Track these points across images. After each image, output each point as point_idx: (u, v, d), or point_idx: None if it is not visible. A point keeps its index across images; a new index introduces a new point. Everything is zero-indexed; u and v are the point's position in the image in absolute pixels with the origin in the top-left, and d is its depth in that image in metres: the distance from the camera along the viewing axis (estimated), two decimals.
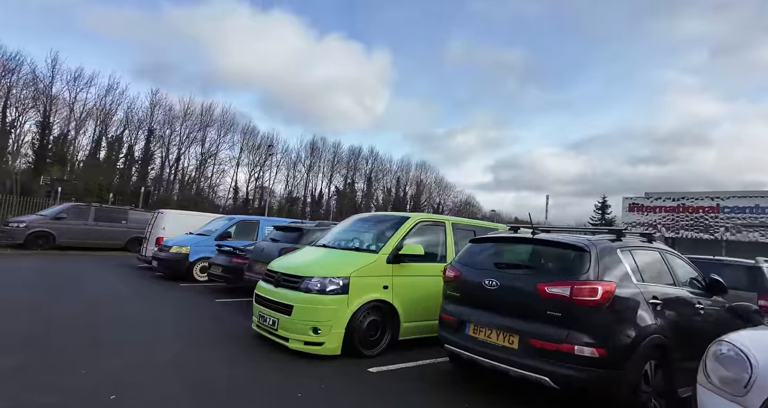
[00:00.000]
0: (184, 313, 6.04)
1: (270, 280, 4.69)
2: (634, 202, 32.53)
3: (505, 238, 3.58)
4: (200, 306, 6.67)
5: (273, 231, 7.21)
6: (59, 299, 6.42)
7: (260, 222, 10.23)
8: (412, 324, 4.50)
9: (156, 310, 6.12)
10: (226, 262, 7.82)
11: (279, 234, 6.98)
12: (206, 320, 5.70)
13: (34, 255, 12.38)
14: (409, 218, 4.86)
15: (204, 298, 7.45)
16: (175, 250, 9.12)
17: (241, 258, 7.70)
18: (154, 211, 11.15)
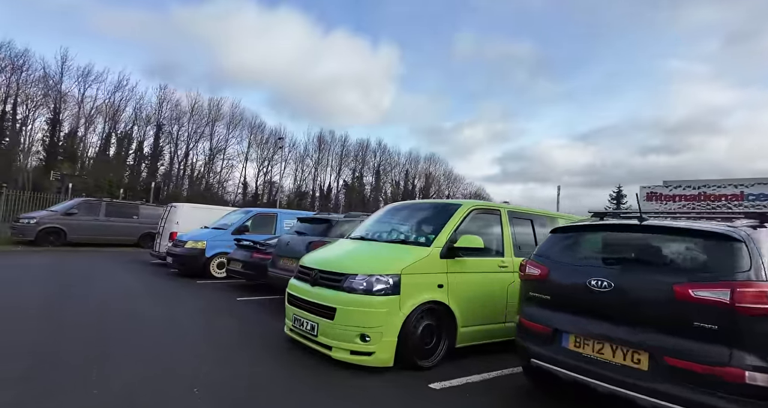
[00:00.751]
0: (204, 315, 5.47)
1: (304, 278, 4.07)
2: (652, 191, 31.47)
3: (611, 226, 2.89)
4: (221, 305, 6.10)
5: (297, 223, 6.58)
6: (70, 299, 5.89)
7: (278, 215, 9.62)
8: (470, 329, 3.86)
9: (174, 310, 5.55)
10: (247, 258, 7.23)
11: (304, 226, 6.35)
12: (230, 322, 5.11)
13: (46, 252, 11.93)
14: (461, 205, 4.18)
15: (224, 295, 6.88)
16: (191, 246, 8.55)
17: (263, 253, 7.10)
18: (166, 206, 10.62)
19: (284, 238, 6.30)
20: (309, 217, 6.55)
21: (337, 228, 5.93)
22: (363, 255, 3.97)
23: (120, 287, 7.05)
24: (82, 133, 36.28)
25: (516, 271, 4.23)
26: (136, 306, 5.71)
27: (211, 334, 4.52)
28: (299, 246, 5.84)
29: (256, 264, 7.02)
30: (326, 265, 3.91)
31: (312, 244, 5.67)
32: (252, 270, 7.04)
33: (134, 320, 4.84)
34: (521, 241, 4.42)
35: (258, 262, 7.03)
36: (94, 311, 5.16)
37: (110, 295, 6.33)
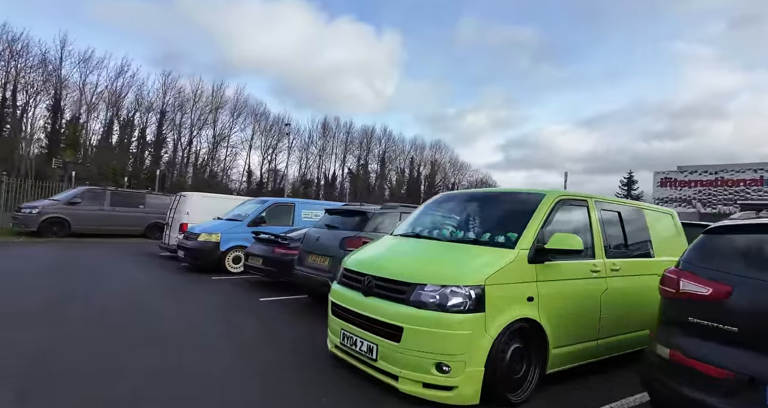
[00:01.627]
0: (224, 318, 4.74)
1: (353, 285, 3.30)
2: (666, 176, 30.53)
3: None
4: (242, 306, 5.37)
5: (325, 216, 5.78)
6: (73, 298, 5.17)
7: (296, 205, 8.83)
8: (563, 350, 3.10)
9: (190, 313, 4.83)
10: (267, 253, 6.47)
11: (334, 219, 5.56)
12: (257, 330, 4.38)
13: (49, 243, 11.23)
14: (544, 195, 3.36)
15: (243, 294, 6.15)
16: (204, 238, 7.80)
17: (285, 248, 6.34)
18: (175, 195, 9.85)
19: (312, 233, 5.51)
20: (340, 209, 5.75)
21: (373, 221, 5.14)
22: (427, 258, 3.18)
23: (128, 284, 6.32)
24: (84, 120, 35.28)
25: (609, 275, 3.46)
26: (146, 306, 4.98)
27: (240, 346, 3.79)
28: (331, 242, 5.07)
29: (278, 260, 6.27)
30: (382, 270, 3.13)
31: (346, 241, 4.90)
32: (274, 267, 6.29)
33: (146, 325, 4.11)
34: (611, 239, 3.62)
35: (280, 258, 6.27)
36: (100, 314, 4.44)
37: (118, 292, 5.61)
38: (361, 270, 3.29)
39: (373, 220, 5.15)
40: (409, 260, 3.23)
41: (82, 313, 4.60)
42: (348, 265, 3.51)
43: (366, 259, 3.46)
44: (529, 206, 3.31)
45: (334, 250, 4.94)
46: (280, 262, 6.23)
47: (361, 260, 3.48)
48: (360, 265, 3.36)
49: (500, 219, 3.47)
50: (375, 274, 3.13)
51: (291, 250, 6.30)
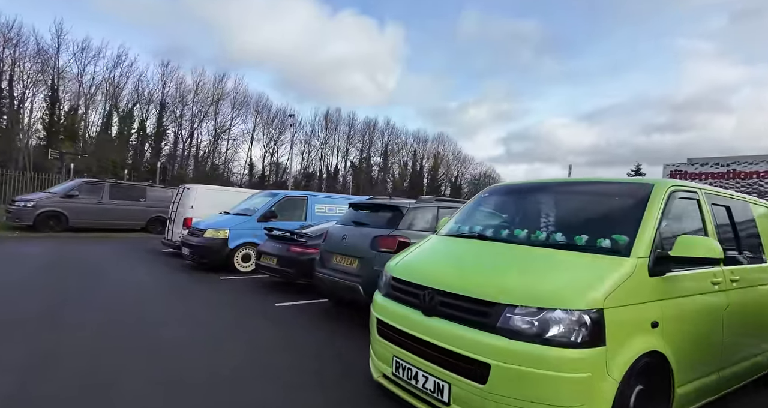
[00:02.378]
0: (238, 328, 4.02)
1: (407, 299, 2.56)
2: (676, 169, 29.68)
3: None
4: (256, 312, 4.66)
5: (350, 211, 5.02)
6: (69, 302, 4.46)
7: (309, 198, 8.07)
8: (689, 387, 2.38)
9: (199, 319, 4.11)
10: (282, 252, 5.73)
11: (361, 215, 4.79)
12: (276, 342, 3.67)
13: (45, 238, 10.48)
14: (653, 186, 2.60)
15: (257, 298, 5.43)
16: (211, 235, 7.05)
17: (302, 246, 5.59)
18: (178, 187, 9.09)
19: (336, 231, 4.76)
20: (368, 203, 4.97)
21: (408, 217, 4.38)
22: (507, 268, 2.43)
23: (129, 285, 5.60)
24: (82, 112, 34.28)
25: (729, 287, 2.72)
26: (150, 313, 4.26)
27: (257, 365, 3.07)
28: (360, 241, 4.32)
29: (294, 260, 5.54)
30: (449, 282, 2.38)
31: (379, 240, 4.15)
32: (290, 267, 5.56)
33: (150, 335, 3.40)
34: (724, 242, 2.87)
35: (296, 257, 5.54)
36: (99, 321, 3.72)
37: (118, 296, 4.89)
38: (417, 281, 2.53)
39: (408, 216, 4.39)
40: (484, 270, 2.47)
41: (78, 320, 3.89)
42: (397, 272, 2.76)
43: (420, 267, 2.71)
44: (634, 200, 2.56)
45: (364, 251, 4.20)
46: (297, 263, 5.50)
47: (413, 267, 2.73)
48: (414, 274, 2.61)
49: (593, 217, 2.71)
50: (439, 287, 2.38)
51: (309, 249, 5.57)
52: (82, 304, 4.57)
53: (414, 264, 2.79)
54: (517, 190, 3.35)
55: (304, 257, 5.49)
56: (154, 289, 5.71)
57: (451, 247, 2.93)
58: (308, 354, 3.50)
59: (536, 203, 3.08)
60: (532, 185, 3.33)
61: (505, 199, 3.35)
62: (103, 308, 4.48)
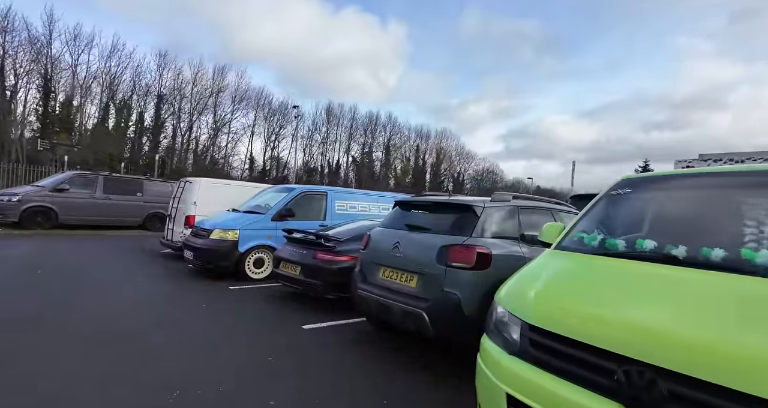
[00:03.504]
0: (262, 367, 3.03)
1: (577, 371, 1.54)
2: (688, 165, 28.90)
3: None
4: (279, 339, 3.67)
5: (398, 211, 3.98)
6: (50, 321, 3.44)
7: (328, 194, 7.06)
8: None
9: (209, 350, 3.13)
10: (307, 259, 4.72)
11: (416, 216, 3.66)
12: (321, 391, 2.70)
13: (31, 236, 9.42)
14: None
15: (277, 316, 4.44)
16: (218, 236, 6.03)
17: (331, 252, 4.59)
18: (179, 181, 8.05)
19: (382, 236, 3.74)
20: (425, 201, 3.84)
21: (485, 220, 3.36)
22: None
23: (122, 297, 4.59)
24: (78, 103, 32.90)
25: None
26: (145, 336, 3.26)
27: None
28: (420, 252, 3.30)
29: (322, 269, 4.53)
30: (684, 357, 1.31)
31: (450, 252, 3.13)
32: (316, 278, 4.55)
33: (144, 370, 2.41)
34: None
35: (325, 266, 4.54)
36: (82, 350, 2.72)
37: (107, 311, 3.88)
38: (602, 344, 1.49)
39: (485, 219, 3.37)
40: (737, 331, 1.43)
41: (54, 345, 2.87)
42: (541, 319, 1.72)
43: (590, 312, 1.64)
44: None
45: (428, 265, 3.19)
46: (326, 273, 4.50)
47: (570, 311, 1.68)
48: (587, 328, 1.57)
49: None
50: (665, 365, 1.33)
51: (339, 256, 4.57)
52: (60, 322, 3.57)
53: (568, 305, 1.73)
54: (692, 182, 2.28)
55: (334, 266, 4.50)
56: (151, 301, 4.70)
57: (613, 276, 1.86)
58: (343, 372, 2.51)
59: (730, 203, 2.06)
60: (719, 173, 2.20)
61: (667, 196, 2.31)
62: (84, 330, 3.48)
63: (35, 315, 3.86)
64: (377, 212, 7.54)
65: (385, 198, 7.85)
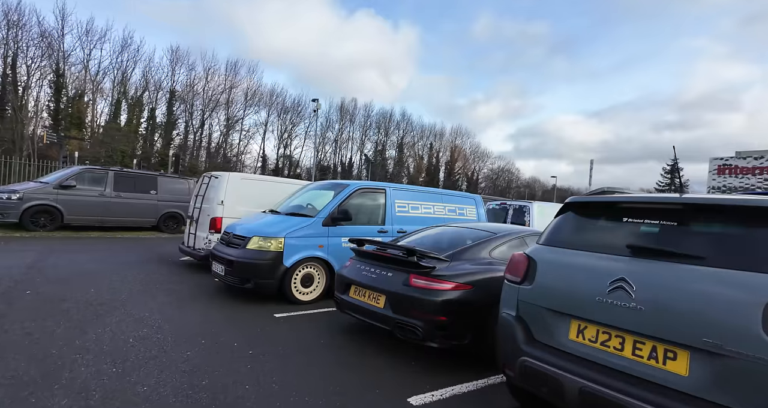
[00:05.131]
0: None
1: None
2: (725, 163, 26.94)
3: None
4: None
5: (580, 220, 2.45)
6: (41, 368, 2.06)
7: (387, 192, 5.60)
8: None
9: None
10: (396, 286, 3.25)
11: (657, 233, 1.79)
12: None
13: (31, 240, 8.11)
14: None
15: (368, 379, 3.01)
16: (257, 246, 4.61)
17: (435, 278, 3.12)
18: (201, 177, 6.67)
19: (575, 265, 2.10)
20: (674, 203, 2.05)
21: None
22: None
23: (133, 329, 3.20)
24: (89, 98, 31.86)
25: None
26: (169, 396, 1.86)
27: None
28: (709, 308, 1.65)
29: (423, 303, 3.05)
30: None
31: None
32: (415, 316, 3.08)
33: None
34: None
35: (426, 298, 3.05)
36: None
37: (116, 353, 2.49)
38: None
39: None
40: None
41: None
42: None
43: None
44: None
45: (734, 338, 1.53)
46: (431, 309, 3.02)
47: None
48: None
49: None
50: None
51: (444, 282, 3.10)
52: (51, 371, 2.18)
53: None
54: None
55: (438, 298, 3.04)
56: (173, 336, 3.30)
57: None
58: None
59: None
60: None
61: None
62: (84, 385, 2.07)
63: (18, 379, 2.45)
64: (443, 215, 6.08)
65: (451, 197, 6.37)
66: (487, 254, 3.41)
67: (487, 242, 3.51)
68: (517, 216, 7.25)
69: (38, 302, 4.07)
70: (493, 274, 3.18)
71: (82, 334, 3.30)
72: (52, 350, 2.92)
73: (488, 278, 3.15)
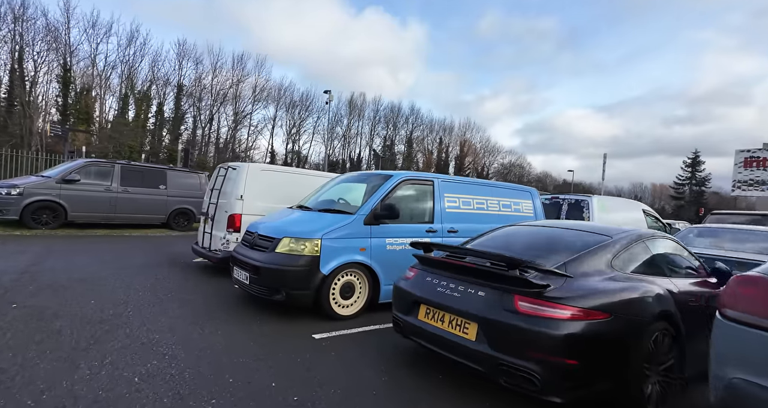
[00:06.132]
0: None
1: None
2: (752, 155, 25.59)
3: None
4: None
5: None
6: None
7: (435, 184, 4.72)
8: None
9: None
10: (495, 312, 2.32)
11: None
12: None
13: (32, 238, 7.35)
14: None
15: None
16: (288, 249, 3.77)
17: (541, 300, 2.24)
18: (217, 168, 5.80)
19: None
20: None
21: None
22: None
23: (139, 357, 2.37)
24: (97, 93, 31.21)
25: None
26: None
27: None
28: None
29: (539, 338, 2.16)
30: None
31: None
32: (525, 357, 2.17)
33: None
34: None
35: (543, 332, 2.14)
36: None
37: (109, 404, 1.68)
38: None
39: None
40: None
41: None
42: None
43: None
44: None
45: None
46: (550, 348, 2.13)
47: None
48: None
49: None
50: None
51: (566, 307, 2.20)
52: None
53: None
54: None
55: (561, 332, 2.14)
56: (191, 372, 2.48)
57: None
58: None
59: None
60: None
61: None
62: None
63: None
64: (497, 211, 5.19)
65: (505, 191, 5.46)
66: (608, 265, 2.52)
67: (604, 248, 2.62)
68: (573, 212, 6.33)
69: (24, 319, 3.28)
70: (635, 293, 2.31)
71: (73, 369, 2.49)
72: (27, 401, 2.10)
73: (631, 301, 2.27)
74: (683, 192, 44.33)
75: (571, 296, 2.20)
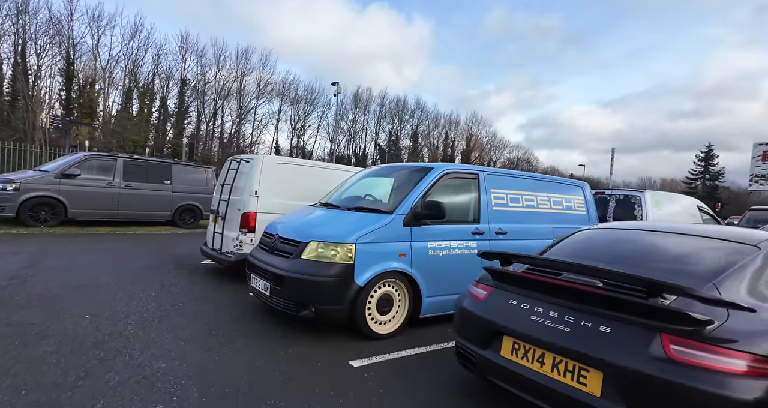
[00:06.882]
0: None
1: None
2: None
3: None
4: None
5: None
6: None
7: (481, 178, 4.07)
8: None
9: None
10: (636, 360, 1.62)
11: None
12: None
13: (28, 237, 6.77)
14: None
15: None
16: (317, 255, 3.14)
17: (709, 344, 1.59)
18: (228, 161, 5.16)
19: None
20: None
21: None
22: None
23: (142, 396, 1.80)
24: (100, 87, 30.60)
25: None
26: None
27: None
28: None
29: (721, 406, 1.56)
30: None
31: None
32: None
33: None
34: None
35: (721, 396, 1.49)
36: None
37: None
38: None
39: None
40: None
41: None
42: None
43: None
44: None
45: None
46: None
47: None
48: None
49: None
50: None
51: (747, 356, 1.56)
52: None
53: None
54: None
55: (744, 397, 1.45)
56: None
57: None
58: None
59: None
60: None
61: None
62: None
63: None
64: (547, 209, 4.53)
65: (556, 185, 4.77)
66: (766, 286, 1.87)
67: (753, 261, 1.96)
68: (622, 209, 5.64)
69: (3, 343, 2.68)
70: None
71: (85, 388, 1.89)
72: None
73: None
74: (696, 187, 43.31)
75: (751, 338, 1.54)
